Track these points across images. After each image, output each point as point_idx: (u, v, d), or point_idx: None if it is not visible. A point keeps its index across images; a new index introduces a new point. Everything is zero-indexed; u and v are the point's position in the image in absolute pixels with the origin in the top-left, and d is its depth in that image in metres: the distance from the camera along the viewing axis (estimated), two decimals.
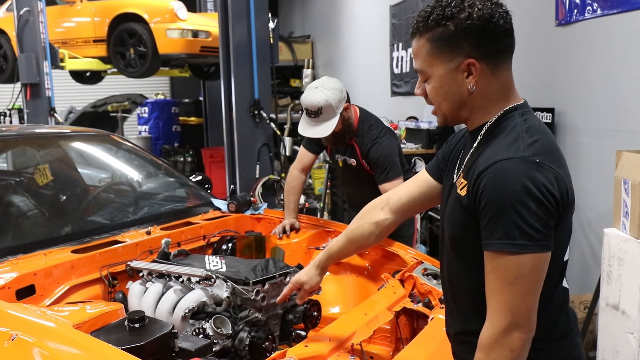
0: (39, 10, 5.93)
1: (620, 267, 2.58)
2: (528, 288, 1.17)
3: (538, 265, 1.17)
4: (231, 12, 4.91)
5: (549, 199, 1.15)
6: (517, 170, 1.15)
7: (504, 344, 1.18)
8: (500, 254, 1.17)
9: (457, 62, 1.23)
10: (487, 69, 1.24)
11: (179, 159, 8.77)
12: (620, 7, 3.16)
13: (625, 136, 3.11)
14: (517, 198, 1.14)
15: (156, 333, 1.62)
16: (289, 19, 10.84)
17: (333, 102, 2.62)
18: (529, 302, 1.18)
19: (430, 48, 1.25)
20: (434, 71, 1.27)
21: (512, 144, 1.20)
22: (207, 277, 2.01)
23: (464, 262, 1.32)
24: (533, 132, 1.23)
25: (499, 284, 1.18)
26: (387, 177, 2.72)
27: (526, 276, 1.16)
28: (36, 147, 2.94)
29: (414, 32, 1.28)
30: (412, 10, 6.12)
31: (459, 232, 1.29)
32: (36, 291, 1.97)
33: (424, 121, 5.54)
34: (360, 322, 1.90)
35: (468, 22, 1.20)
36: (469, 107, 1.29)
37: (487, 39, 1.21)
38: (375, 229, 1.64)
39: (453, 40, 1.22)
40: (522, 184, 1.14)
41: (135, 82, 9.40)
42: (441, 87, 1.27)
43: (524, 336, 1.18)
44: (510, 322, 1.17)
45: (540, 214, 1.14)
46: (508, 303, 1.17)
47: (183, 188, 3.26)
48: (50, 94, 6.10)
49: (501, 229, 1.16)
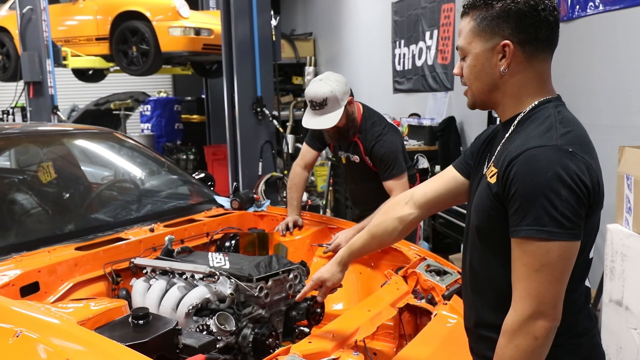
0: (42, 9, 5.94)
1: (623, 263, 2.58)
2: (554, 276, 1.17)
3: (566, 254, 1.16)
4: (234, 9, 4.91)
5: (581, 188, 1.15)
6: (550, 157, 1.15)
7: (528, 331, 1.18)
8: (528, 240, 1.16)
9: (494, 42, 1.25)
10: (522, 55, 1.25)
11: (182, 157, 8.77)
12: (622, 3, 3.15)
13: (628, 132, 3.11)
14: (548, 185, 1.13)
15: (160, 329, 1.63)
16: (291, 17, 10.82)
17: (338, 93, 2.61)
18: (555, 290, 1.17)
19: (473, 26, 1.28)
20: (471, 48, 1.29)
21: (545, 133, 1.20)
22: (210, 274, 2.01)
23: (489, 252, 1.32)
24: (566, 123, 1.24)
25: (526, 270, 1.18)
26: (391, 174, 2.71)
27: (553, 264, 1.16)
28: (39, 144, 2.95)
29: (464, 11, 1.31)
30: (413, 7, 6.11)
31: (486, 221, 1.29)
32: (40, 288, 1.97)
33: (426, 118, 5.54)
34: (364, 319, 1.90)
35: (512, 5, 1.22)
36: (501, 91, 1.29)
37: (527, 26, 1.23)
38: (399, 224, 1.62)
39: (495, 21, 1.24)
40: (555, 171, 1.14)
41: (138, 80, 9.40)
42: (475, 65, 1.29)
43: (548, 325, 1.18)
44: (535, 309, 1.17)
45: (572, 202, 1.14)
46: (534, 290, 1.17)
47: (186, 185, 3.26)
48: (53, 92, 6.12)
49: (531, 215, 1.15)
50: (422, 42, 5.97)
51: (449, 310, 2.02)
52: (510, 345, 1.20)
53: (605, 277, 2.72)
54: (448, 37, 5.36)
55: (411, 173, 2.96)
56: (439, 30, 5.54)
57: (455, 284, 2.21)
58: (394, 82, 6.76)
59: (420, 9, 5.93)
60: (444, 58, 5.48)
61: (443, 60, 5.50)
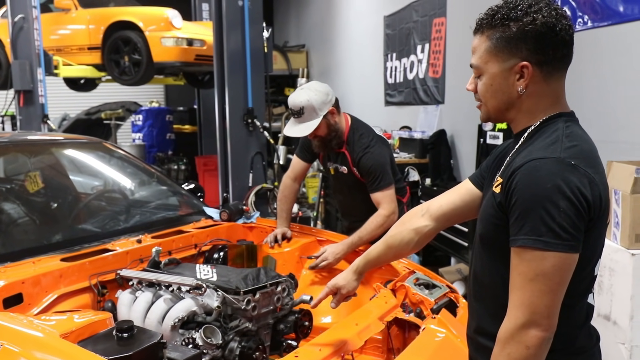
0: (34, 17, 5.92)
1: (611, 278, 2.59)
2: (549, 287, 1.17)
3: (562, 265, 1.17)
4: (226, 21, 4.92)
5: (581, 201, 1.16)
6: (551, 169, 1.17)
7: (520, 340, 1.18)
8: (525, 249, 1.18)
9: (511, 63, 1.26)
10: (540, 75, 1.26)
11: (173, 167, 8.75)
12: (610, 20, 3.19)
13: (616, 147, 3.13)
14: (547, 196, 1.15)
15: (145, 343, 1.60)
16: (284, 29, 10.88)
17: (315, 103, 2.63)
18: (549, 301, 1.18)
19: (489, 45, 1.28)
20: (488, 68, 1.29)
21: (550, 146, 1.22)
22: (197, 286, 1.99)
23: (491, 260, 1.33)
24: (574, 137, 1.25)
25: (521, 280, 1.19)
26: (379, 187, 2.71)
27: (548, 274, 1.16)
28: (27, 154, 2.92)
29: (477, 29, 1.32)
30: (405, 21, 6.16)
31: (489, 229, 1.30)
32: (24, 300, 1.94)
33: (417, 131, 5.57)
34: (352, 332, 1.88)
35: (530, 26, 1.23)
36: (516, 109, 1.31)
37: (545, 46, 1.24)
38: (415, 235, 1.63)
39: (513, 42, 1.25)
40: (555, 183, 1.15)
41: (130, 90, 9.40)
42: (492, 84, 1.30)
43: (541, 335, 1.18)
44: (528, 319, 1.18)
45: (570, 214, 1.15)
46: (527, 299, 1.18)
47: (175, 196, 3.24)
48: (43, 100, 6.08)
49: (529, 225, 1.17)
50: (413, 56, 6.01)
51: (437, 324, 2.01)
52: (503, 353, 1.21)
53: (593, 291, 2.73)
54: (439, 50, 5.39)
55: (401, 185, 2.96)
56: (430, 43, 5.58)
57: (444, 297, 2.21)
58: (386, 94, 6.80)
59: (412, 23, 5.97)
60: (435, 72, 5.52)
61: (434, 73, 5.53)
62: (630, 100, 3.13)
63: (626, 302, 2.49)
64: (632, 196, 2.47)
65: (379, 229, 2.63)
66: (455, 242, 4.24)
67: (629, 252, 2.48)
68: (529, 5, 1.24)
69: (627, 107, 3.16)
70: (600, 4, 3.22)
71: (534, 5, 1.24)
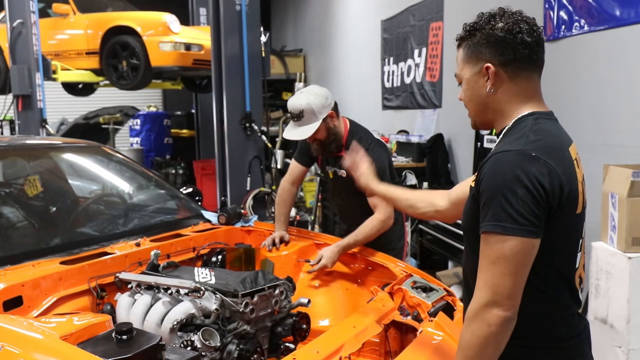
0: (32, 23, 5.94)
1: (608, 281, 2.60)
2: (508, 269, 1.25)
3: (521, 249, 1.24)
4: (223, 25, 4.95)
5: (538, 189, 1.24)
6: (511, 160, 1.26)
7: (482, 318, 1.27)
8: (488, 234, 1.27)
9: (479, 66, 1.40)
10: (505, 75, 1.37)
11: (171, 172, 8.75)
12: (606, 24, 3.22)
13: (611, 150, 3.15)
14: (506, 185, 1.24)
15: (143, 345, 1.61)
16: (282, 33, 10.91)
17: (315, 106, 2.66)
18: (510, 282, 1.25)
19: (462, 54, 1.44)
20: (463, 74, 1.44)
21: (516, 140, 1.31)
22: (195, 289, 2.00)
23: (472, 250, 1.41)
24: (540, 132, 1.33)
25: (485, 262, 1.28)
26: None
27: (507, 257, 1.24)
28: (26, 158, 2.93)
29: (458, 43, 1.47)
30: (402, 25, 6.19)
31: (469, 220, 1.39)
32: (24, 302, 1.95)
33: (414, 135, 5.58)
34: (349, 335, 1.89)
35: (490, 32, 1.37)
36: (491, 109, 1.42)
37: (505, 49, 1.36)
38: (430, 207, 1.82)
39: (477, 48, 1.39)
40: (513, 172, 1.24)
41: (128, 95, 9.38)
42: (468, 89, 1.44)
43: (502, 314, 1.25)
44: (490, 298, 1.26)
45: (527, 201, 1.23)
46: (490, 280, 1.27)
47: (173, 200, 3.25)
48: (42, 105, 6.09)
49: (491, 212, 1.26)
50: (410, 60, 6.04)
51: (434, 327, 2.02)
52: (468, 330, 1.30)
53: (590, 295, 2.74)
54: (436, 55, 5.42)
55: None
56: (428, 48, 5.60)
57: (441, 300, 2.22)
58: (383, 98, 6.82)
59: (410, 27, 6.01)
60: (432, 76, 5.54)
61: (431, 77, 5.56)
62: (627, 104, 3.15)
63: (623, 306, 2.51)
64: (628, 199, 2.48)
65: (375, 231, 2.65)
66: (453, 245, 4.25)
67: (626, 256, 2.50)
68: (492, 16, 1.39)
69: (623, 110, 3.18)
70: (597, 8, 3.25)
71: (497, 16, 1.38)
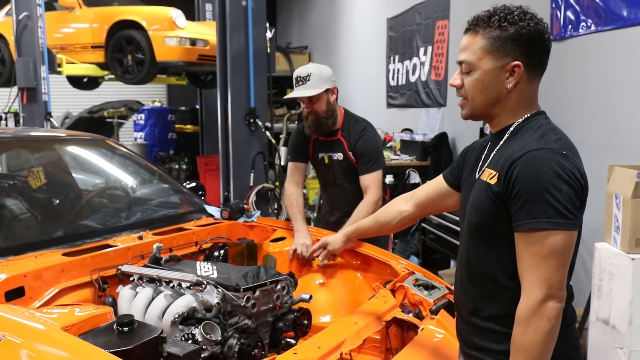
0: (38, 16, 5.93)
1: (610, 282, 2.59)
2: (560, 262, 1.29)
3: (569, 242, 1.30)
4: (229, 21, 4.93)
5: (578, 184, 1.30)
6: (548, 158, 1.30)
7: (542, 315, 1.28)
8: (535, 231, 1.29)
9: (505, 61, 1.38)
10: (526, 76, 1.39)
11: (174, 167, 8.76)
12: (613, 24, 3.20)
13: (617, 151, 3.14)
14: (549, 181, 1.27)
15: (145, 337, 1.61)
16: (287, 30, 10.90)
17: (322, 74, 2.80)
18: (561, 275, 1.30)
19: (485, 44, 1.38)
20: (481, 64, 1.39)
21: (541, 139, 1.35)
22: (197, 282, 2.00)
23: (489, 246, 1.42)
24: (556, 132, 1.39)
25: (534, 259, 1.30)
26: (372, 168, 2.84)
27: (559, 251, 1.28)
28: (31, 149, 2.93)
29: (471, 28, 1.42)
30: (408, 23, 6.18)
31: (487, 218, 1.40)
32: (25, 293, 1.95)
33: (418, 133, 5.57)
34: (351, 331, 1.89)
35: (525, 30, 1.36)
36: (501, 105, 1.42)
37: (535, 50, 1.38)
38: (397, 216, 1.95)
39: (509, 42, 1.36)
40: (554, 169, 1.28)
41: (132, 89, 9.39)
42: (483, 80, 1.40)
43: (558, 305, 1.29)
44: (546, 293, 1.28)
45: (571, 196, 1.28)
46: (543, 276, 1.29)
47: (177, 194, 3.25)
48: (46, 98, 6.09)
49: (537, 209, 1.28)
50: (416, 58, 6.02)
51: (436, 325, 2.02)
52: (528, 330, 1.30)
53: (592, 295, 2.73)
54: (442, 53, 5.41)
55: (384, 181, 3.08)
56: (433, 46, 5.59)
57: (443, 298, 2.21)
58: (388, 97, 6.81)
59: (415, 25, 5.99)
60: (437, 74, 5.53)
61: (437, 76, 5.54)
62: (633, 105, 3.13)
63: (625, 307, 2.50)
64: (632, 200, 2.47)
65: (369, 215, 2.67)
66: (455, 245, 4.25)
67: (629, 257, 2.49)
68: (523, 13, 1.38)
69: (629, 111, 3.16)
70: (604, 8, 3.23)
71: (527, 14, 1.38)
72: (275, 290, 2.13)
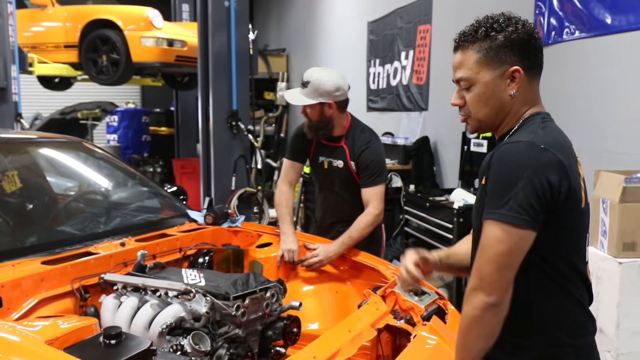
0: (9, 13, 5.77)
1: (597, 286, 2.60)
2: (490, 256, 1.26)
3: (508, 238, 1.24)
4: (211, 21, 4.86)
5: (542, 182, 1.23)
6: (520, 150, 1.27)
7: (470, 302, 1.29)
8: (484, 222, 1.29)
9: (503, 69, 1.36)
10: (527, 79, 1.37)
11: (149, 169, 8.61)
12: (596, 31, 3.23)
13: (602, 157, 3.17)
14: (511, 174, 1.25)
15: (133, 350, 1.54)
16: (265, 32, 10.82)
17: (321, 86, 2.67)
18: (491, 269, 1.26)
19: (478, 57, 1.37)
20: (480, 77, 1.37)
21: (526, 134, 1.32)
22: (186, 291, 1.93)
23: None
24: (549, 130, 1.35)
25: (478, 249, 1.31)
26: (374, 182, 2.73)
27: (492, 245, 1.26)
28: (4, 152, 2.81)
29: (459, 45, 1.40)
30: (389, 27, 6.18)
31: (482, 221, 1.36)
32: (3, 304, 1.85)
33: (400, 137, 5.57)
34: (345, 340, 1.85)
35: (514, 35, 1.34)
36: (506, 112, 1.40)
37: (529, 52, 1.36)
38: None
39: (502, 50, 1.35)
40: (520, 163, 1.25)
41: (104, 90, 9.20)
42: (484, 92, 1.38)
43: (485, 299, 1.26)
44: (476, 284, 1.28)
45: (526, 192, 1.23)
46: (477, 266, 1.30)
47: (157, 198, 3.16)
48: (17, 99, 5.92)
49: (490, 200, 1.28)
50: (397, 62, 6.02)
51: (428, 331, 1.99)
52: (462, 313, 1.32)
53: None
54: (424, 57, 5.41)
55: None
56: (415, 50, 5.60)
57: (434, 304, 2.19)
58: (368, 100, 6.80)
59: (397, 29, 5.99)
60: (419, 78, 5.53)
61: (418, 80, 5.55)
62: (616, 110, 3.17)
63: (612, 310, 2.51)
64: (620, 205, 2.49)
65: (369, 227, 2.63)
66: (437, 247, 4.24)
67: (617, 261, 2.50)
68: (508, 19, 1.36)
69: (612, 117, 3.20)
70: (587, 15, 3.27)
71: (512, 19, 1.36)
72: (264, 298, 2.07)
